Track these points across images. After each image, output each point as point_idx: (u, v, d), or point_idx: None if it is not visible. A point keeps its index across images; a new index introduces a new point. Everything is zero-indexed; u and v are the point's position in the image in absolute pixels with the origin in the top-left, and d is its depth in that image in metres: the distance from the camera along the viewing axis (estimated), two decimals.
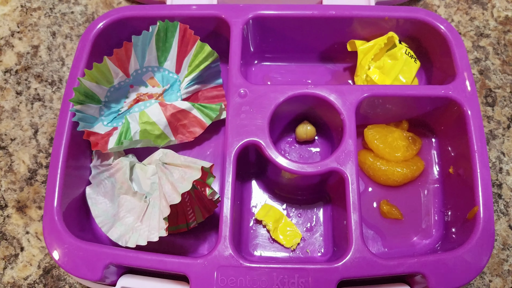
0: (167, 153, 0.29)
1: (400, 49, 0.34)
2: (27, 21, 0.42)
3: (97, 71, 0.31)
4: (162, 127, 0.33)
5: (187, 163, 0.28)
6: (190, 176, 0.27)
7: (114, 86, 0.33)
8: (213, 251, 0.27)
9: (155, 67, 0.34)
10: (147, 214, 0.29)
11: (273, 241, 0.32)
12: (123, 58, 0.32)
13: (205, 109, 0.34)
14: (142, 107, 0.34)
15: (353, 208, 0.28)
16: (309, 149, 0.36)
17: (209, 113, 0.34)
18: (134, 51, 0.32)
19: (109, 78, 0.32)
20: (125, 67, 0.33)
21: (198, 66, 0.33)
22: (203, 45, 0.33)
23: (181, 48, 0.34)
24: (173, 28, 0.33)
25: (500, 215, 0.35)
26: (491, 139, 0.37)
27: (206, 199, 0.30)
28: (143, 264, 0.27)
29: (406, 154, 0.33)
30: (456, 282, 0.27)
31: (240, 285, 0.26)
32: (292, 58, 0.38)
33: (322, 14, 0.34)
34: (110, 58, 0.31)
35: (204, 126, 0.34)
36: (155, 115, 0.33)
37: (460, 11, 0.42)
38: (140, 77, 0.34)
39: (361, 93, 0.32)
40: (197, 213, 0.31)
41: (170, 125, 0.33)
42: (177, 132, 0.34)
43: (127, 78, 0.33)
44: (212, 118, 0.34)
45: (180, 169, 0.28)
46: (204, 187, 0.29)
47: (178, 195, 0.26)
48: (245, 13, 0.34)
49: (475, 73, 0.39)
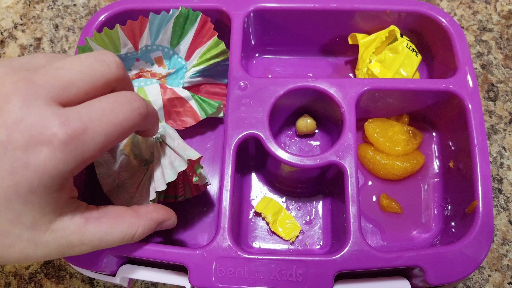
0: (166, 130, 0.29)
1: (402, 43, 0.34)
2: (30, 14, 0.42)
3: (106, 36, 0.31)
4: (156, 108, 0.33)
5: (178, 150, 0.27)
6: (178, 165, 0.27)
7: (120, 55, 0.32)
8: (212, 242, 0.27)
9: (166, 47, 0.34)
10: (142, 184, 0.30)
11: (272, 234, 0.33)
12: (135, 31, 0.32)
13: (203, 103, 0.34)
14: (142, 83, 0.33)
15: (352, 201, 0.28)
16: (309, 143, 0.36)
17: (206, 108, 0.34)
18: (149, 27, 0.32)
19: (117, 46, 0.32)
20: (136, 40, 0.32)
21: (209, 60, 0.33)
22: (219, 42, 0.33)
23: (196, 38, 0.33)
24: (194, 17, 0.33)
25: (500, 210, 0.35)
26: (492, 133, 0.37)
27: None
28: (143, 254, 0.27)
29: (406, 148, 0.33)
30: (454, 276, 0.27)
31: (239, 276, 0.26)
32: (293, 51, 0.38)
33: (324, 7, 0.34)
34: (122, 27, 0.31)
35: (197, 119, 0.34)
36: (153, 95, 0.33)
37: (463, 4, 0.41)
38: (148, 54, 0.34)
39: (362, 87, 0.31)
40: (186, 189, 0.32)
41: (165, 108, 0.33)
42: (169, 117, 0.34)
43: (135, 52, 0.33)
44: (207, 113, 0.34)
45: (172, 154, 0.28)
46: (192, 173, 0.29)
47: (163, 184, 0.26)
48: (246, 5, 0.34)
49: (477, 68, 0.39)
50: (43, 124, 0.18)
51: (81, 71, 0.20)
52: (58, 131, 0.18)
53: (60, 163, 0.18)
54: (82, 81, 0.20)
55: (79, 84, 0.20)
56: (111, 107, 0.20)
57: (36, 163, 0.18)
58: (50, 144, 0.18)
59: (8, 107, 0.18)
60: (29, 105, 0.18)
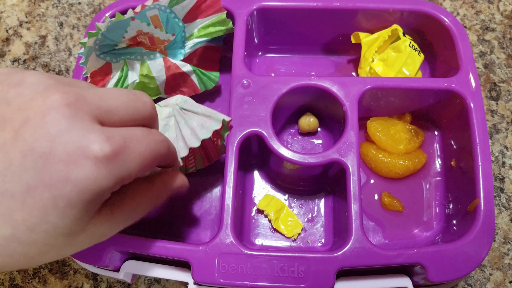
0: (186, 100, 0.29)
1: (404, 42, 0.34)
2: (35, 12, 0.42)
3: None
4: (159, 83, 0.33)
5: (207, 113, 0.28)
6: (210, 125, 0.28)
7: None
8: (215, 238, 0.27)
9: (163, 6, 0.32)
10: None
11: (275, 231, 0.33)
12: None
13: (203, 76, 0.35)
14: (145, 56, 0.33)
15: (354, 198, 0.28)
16: (311, 141, 0.36)
17: (206, 82, 0.35)
18: None
19: None
20: None
21: (212, 34, 0.34)
22: (228, 22, 0.33)
23: (200, 5, 0.32)
24: None
25: (502, 209, 0.35)
26: (494, 133, 0.37)
27: (210, 149, 0.32)
28: (146, 250, 0.27)
29: (408, 146, 0.34)
30: (455, 274, 0.27)
31: (241, 272, 0.27)
32: (296, 50, 0.38)
33: (327, 6, 0.34)
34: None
35: (196, 92, 0.35)
36: (157, 71, 0.33)
37: (466, 4, 0.42)
38: (144, 12, 0.31)
39: (364, 85, 0.32)
40: (198, 161, 0.32)
41: (167, 83, 0.34)
42: (169, 89, 0.35)
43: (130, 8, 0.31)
44: (207, 87, 0.35)
45: (200, 117, 0.28)
46: (217, 138, 0.30)
47: (198, 140, 0.27)
48: (249, 4, 0.34)
49: (480, 67, 0.39)
50: (89, 138, 0.18)
51: (124, 102, 0.21)
52: (104, 146, 0.18)
53: (103, 178, 0.18)
54: (124, 111, 0.21)
55: (121, 113, 0.20)
56: (145, 134, 0.21)
57: (78, 178, 0.18)
58: (95, 158, 0.18)
59: (53, 118, 0.18)
60: (74, 118, 0.18)
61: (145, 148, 0.20)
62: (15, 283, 0.33)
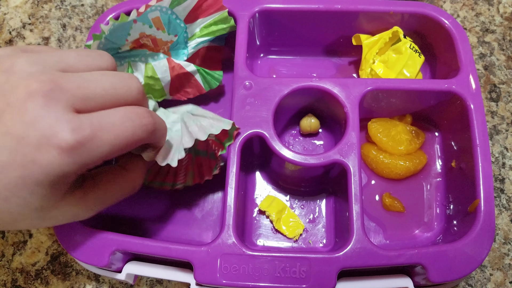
0: (197, 108, 0.30)
1: (405, 44, 0.34)
2: (38, 13, 0.42)
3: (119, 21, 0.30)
4: (164, 84, 0.33)
5: (217, 118, 0.29)
6: (219, 125, 0.28)
7: None
8: (217, 239, 0.28)
9: (164, 7, 0.32)
10: None
11: (276, 232, 0.33)
12: None
13: (207, 76, 0.35)
14: (149, 58, 0.33)
15: (355, 199, 0.29)
16: (313, 142, 0.36)
17: (210, 81, 0.35)
18: None
19: None
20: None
21: (215, 33, 0.34)
22: (230, 19, 0.33)
23: (201, 4, 0.33)
24: None
25: (502, 209, 0.35)
26: (494, 134, 0.37)
27: (205, 166, 0.32)
28: (148, 250, 0.27)
29: (409, 147, 0.34)
30: (455, 274, 0.27)
31: (243, 272, 0.27)
32: (297, 51, 0.38)
33: (328, 8, 0.34)
34: None
35: (201, 91, 0.35)
36: (162, 72, 0.33)
37: (466, 6, 0.42)
38: (146, 14, 0.31)
39: (365, 87, 0.32)
40: (188, 177, 0.32)
41: (171, 83, 0.34)
42: (173, 90, 0.35)
43: None
44: (212, 86, 0.35)
45: (210, 120, 0.29)
46: (218, 148, 0.30)
47: (204, 135, 0.27)
48: (251, 6, 0.34)
49: (480, 69, 0.39)
50: (56, 127, 0.20)
51: (104, 88, 0.22)
52: (68, 137, 0.20)
53: (65, 165, 0.20)
54: (102, 98, 0.22)
55: (99, 100, 0.22)
56: (121, 121, 0.22)
57: (44, 162, 0.20)
58: (59, 147, 0.20)
59: (30, 106, 0.20)
60: (49, 108, 0.20)
61: (116, 136, 0.21)
62: (17, 284, 0.33)
